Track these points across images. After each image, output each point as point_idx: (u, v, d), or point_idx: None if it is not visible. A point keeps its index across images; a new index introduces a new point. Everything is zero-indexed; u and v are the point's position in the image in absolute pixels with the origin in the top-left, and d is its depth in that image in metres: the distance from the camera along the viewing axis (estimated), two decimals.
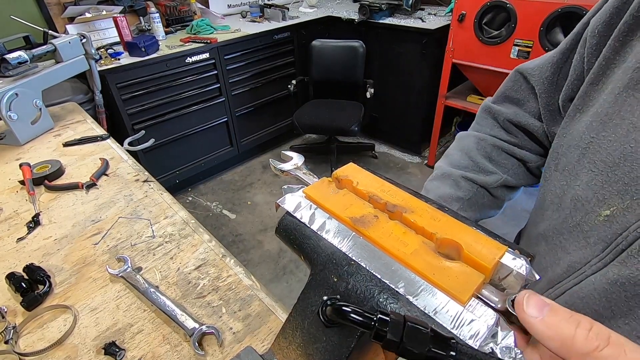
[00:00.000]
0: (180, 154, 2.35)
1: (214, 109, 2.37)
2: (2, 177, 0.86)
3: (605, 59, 0.42)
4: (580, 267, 0.41)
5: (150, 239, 0.67)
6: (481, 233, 0.26)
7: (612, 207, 0.38)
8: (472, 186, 0.56)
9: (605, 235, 0.39)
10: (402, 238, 0.26)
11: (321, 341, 0.26)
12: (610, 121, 0.40)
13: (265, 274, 1.92)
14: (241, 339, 0.50)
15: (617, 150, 0.38)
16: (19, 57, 0.96)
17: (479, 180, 0.56)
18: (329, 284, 0.26)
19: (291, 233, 0.30)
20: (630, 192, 0.36)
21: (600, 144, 0.40)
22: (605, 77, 0.42)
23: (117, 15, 2.02)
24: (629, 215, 0.36)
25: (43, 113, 1.04)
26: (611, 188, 0.38)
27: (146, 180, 0.84)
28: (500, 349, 0.20)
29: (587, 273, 0.40)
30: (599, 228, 0.39)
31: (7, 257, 0.64)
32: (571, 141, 0.45)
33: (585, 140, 0.42)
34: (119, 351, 0.48)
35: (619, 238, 0.37)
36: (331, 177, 0.33)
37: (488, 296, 0.22)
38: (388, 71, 2.58)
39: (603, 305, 0.38)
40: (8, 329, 0.51)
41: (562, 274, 0.43)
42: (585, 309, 0.40)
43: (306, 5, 2.93)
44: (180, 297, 0.56)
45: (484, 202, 0.57)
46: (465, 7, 2.00)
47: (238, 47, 2.30)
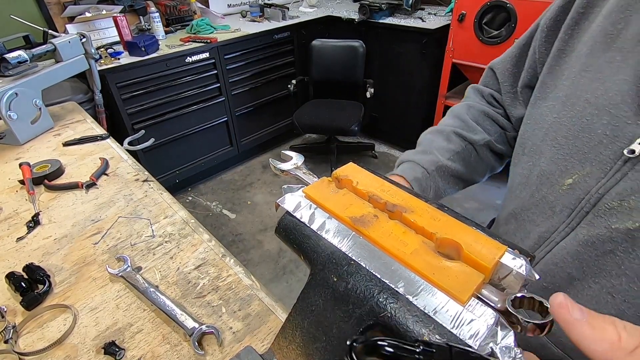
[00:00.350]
0: (180, 153, 2.35)
1: (213, 108, 2.37)
2: (1, 177, 0.86)
3: (557, 50, 0.49)
4: (550, 235, 0.45)
5: (150, 239, 0.67)
6: (481, 233, 0.26)
7: (574, 175, 0.42)
8: (461, 141, 0.61)
9: (569, 202, 0.43)
10: (402, 238, 0.26)
11: (321, 341, 0.26)
12: (568, 101, 0.45)
13: (265, 273, 1.92)
14: (241, 338, 0.50)
15: (575, 125, 0.43)
16: (19, 57, 0.96)
17: (468, 136, 0.61)
18: (328, 283, 0.26)
19: (291, 233, 0.30)
20: (590, 159, 0.41)
21: (561, 122, 0.45)
22: (559, 66, 0.48)
23: (117, 14, 2.02)
24: (589, 180, 0.41)
25: (43, 113, 1.04)
26: (572, 159, 0.43)
27: (146, 179, 0.84)
28: (500, 348, 0.20)
29: (556, 240, 0.44)
30: (563, 196, 0.43)
31: (6, 256, 0.64)
32: (535, 125, 0.50)
33: (547, 122, 0.47)
34: (118, 351, 0.48)
35: (582, 202, 0.41)
36: (331, 177, 0.33)
37: (488, 296, 0.22)
38: (388, 71, 2.58)
39: (576, 267, 0.42)
40: (8, 329, 0.51)
41: (533, 245, 0.47)
42: (560, 274, 0.43)
43: (306, 5, 2.93)
44: (180, 296, 0.56)
45: (471, 159, 0.61)
46: (465, 7, 2.00)
47: (238, 46, 2.30)
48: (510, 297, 0.21)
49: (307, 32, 2.62)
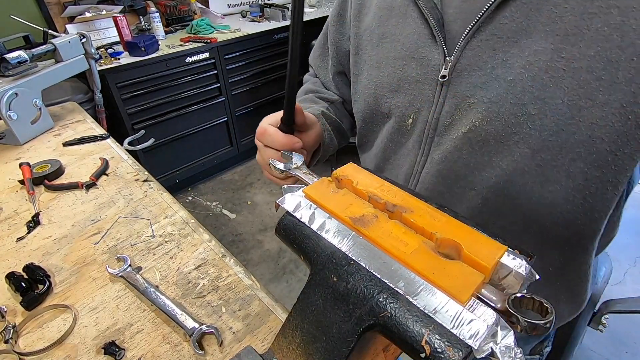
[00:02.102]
0: (180, 153, 2.35)
1: (214, 108, 2.37)
2: (1, 177, 0.86)
3: (355, 35, 0.58)
4: (412, 169, 0.53)
5: (150, 239, 0.67)
6: (481, 233, 0.26)
7: (411, 115, 0.51)
8: (323, 101, 0.68)
9: (417, 137, 0.51)
10: (402, 238, 0.26)
11: (321, 341, 0.26)
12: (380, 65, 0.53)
13: (265, 273, 1.92)
14: (241, 338, 0.50)
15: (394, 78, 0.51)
16: (19, 57, 0.96)
17: (327, 97, 0.69)
18: (328, 283, 0.26)
19: (291, 233, 0.30)
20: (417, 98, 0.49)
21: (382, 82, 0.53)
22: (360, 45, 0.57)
23: (117, 14, 2.02)
24: (423, 113, 0.49)
25: (43, 113, 1.04)
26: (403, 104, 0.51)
27: (146, 179, 0.84)
28: (499, 348, 0.20)
29: (419, 170, 0.52)
30: (412, 134, 0.52)
31: (6, 256, 0.64)
32: (362, 95, 0.58)
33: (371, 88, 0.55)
34: (118, 351, 0.48)
35: (426, 131, 0.49)
36: (331, 177, 0.33)
37: (488, 296, 0.22)
38: None
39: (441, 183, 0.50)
40: (8, 329, 0.51)
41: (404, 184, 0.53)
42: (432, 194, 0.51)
43: (306, 5, 2.93)
44: (180, 296, 0.56)
45: (339, 112, 0.69)
46: None
47: (238, 46, 2.30)
48: (510, 297, 0.21)
49: (307, 32, 2.62)
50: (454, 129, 0.46)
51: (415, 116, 0.50)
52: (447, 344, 0.21)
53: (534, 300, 0.21)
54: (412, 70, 0.49)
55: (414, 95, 0.49)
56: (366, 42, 0.56)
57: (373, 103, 0.56)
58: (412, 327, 0.22)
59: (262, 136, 0.49)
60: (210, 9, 2.63)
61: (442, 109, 0.47)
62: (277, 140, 0.47)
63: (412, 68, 0.49)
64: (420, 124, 0.50)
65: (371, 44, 0.55)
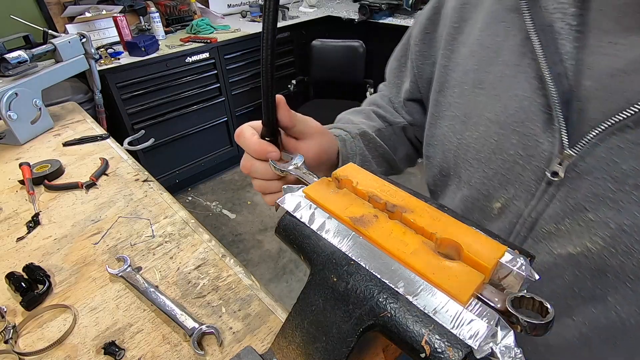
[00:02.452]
0: (180, 153, 2.35)
1: (214, 108, 2.37)
2: (1, 177, 0.86)
3: (442, 67, 0.46)
4: None
5: (150, 239, 0.67)
6: (481, 233, 0.25)
7: (500, 198, 0.40)
8: (381, 121, 0.59)
9: (503, 226, 0.41)
10: (401, 238, 0.26)
11: (321, 341, 0.26)
12: (469, 120, 0.42)
13: (265, 273, 1.92)
14: (241, 338, 0.50)
15: (485, 146, 0.40)
16: (19, 57, 0.96)
17: (387, 117, 0.59)
18: (328, 283, 0.26)
19: (291, 233, 0.30)
20: (511, 182, 0.38)
21: (467, 144, 0.42)
22: (448, 82, 0.46)
23: (117, 14, 2.02)
24: (518, 203, 0.38)
25: (43, 113, 1.04)
26: (493, 182, 0.40)
27: (146, 179, 0.84)
28: (500, 348, 0.20)
29: None
30: (496, 221, 0.42)
31: (6, 256, 0.64)
32: (442, 147, 0.47)
33: (453, 143, 0.45)
34: (118, 351, 0.48)
35: (517, 226, 0.39)
36: (331, 177, 0.33)
37: (488, 296, 0.22)
38: None
39: None
40: (8, 329, 0.51)
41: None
42: None
43: (306, 5, 2.93)
44: (180, 296, 0.56)
45: (390, 141, 0.58)
46: None
47: (238, 46, 2.30)
48: (510, 297, 0.21)
49: (307, 32, 2.62)
50: (557, 241, 0.36)
51: (506, 203, 0.39)
52: (447, 344, 0.21)
53: (534, 300, 0.21)
54: (511, 146, 0.37)
55: (509, 177, 0.38)
56: (456, 82, 0.44)
57: (452, 163, 0.45)
58: (412, 327, 0.22)
59: (237, 138, 0.41)
60: (210, 9, 2.64)
61: (545, 211, 0.36)
62: (249, 145, 0.39)
63: (511, 142, 0.37)
64: (511, 215, 0.39)
65: (462, 88, 0.43)
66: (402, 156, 0.61)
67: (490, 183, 0.41)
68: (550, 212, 0.35)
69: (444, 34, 0.46)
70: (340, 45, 2.42)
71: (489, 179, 0.40)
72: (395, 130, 0.59)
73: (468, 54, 0.43)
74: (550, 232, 0.36)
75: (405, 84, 0.57)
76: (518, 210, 0.38)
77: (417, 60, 0.52)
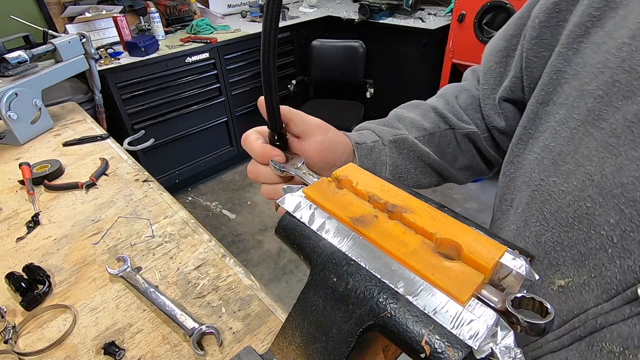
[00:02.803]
0: (180, 154, 2.35)
1: (214, 108, 2.37)
2: (1, 177, 0.86)
3: (555, 71, 0.34)
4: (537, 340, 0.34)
5: (150, 239, 0.67)
6: (481, 233, 0.25)
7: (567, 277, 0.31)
8: (439, 122, 0.48)
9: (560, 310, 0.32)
10: (401, 238, 0.26)
11: (321, 341, 0.26)
12: (563, 164, 0.32)
13: (265, 274, 1.92)
14: (241, 338, 0.50)
15: (570, 207, 0.31)
16: (19, 57, 0.96)
17: (450, 118, 0.48)
18: (328, 283, 0.26)
19: (291, 233, 0.30)
20: (588, 267, 0.29)
21: (550, 191, 0.33)
22: (557, 96, 0.34)
23: (117, 14, 2.02)
24: (585, 294, 0.29)
25: (43, 113, 1.04)
26: (565, 253, 0.31)
27: (146, 180, 0.84)
28: (499, 349, 0.20)
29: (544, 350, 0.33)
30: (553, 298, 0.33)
31: (6, 256, 0.64)
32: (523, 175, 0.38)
33: (534, 181, 0.35)
34: (118, 351, 0.48)
35: (575, 320, 0.30)
36: (331, 177, 0.33)
37: (488, 296, 0.22)
38: (388, 71, 2.58)
39: None
40: (7, 329, 0.51)
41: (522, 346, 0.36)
42: None
43: (306, 5, 2.93)
44: (179, 296, 0.56)
45: (447, 148, 0.48)
46: (465, 7, 2.00)
47: (238, 47, 2.30)
48: (510, 297, 0.21)
49: (307, 32, 2.63)
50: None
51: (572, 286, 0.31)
52: (447, 344, 0.21)
53: (534, 300, 0.21)
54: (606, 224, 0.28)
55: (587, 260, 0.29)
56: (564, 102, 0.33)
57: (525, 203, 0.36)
58: (412, 328, 0.22)
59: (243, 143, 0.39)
60: (210, 9, 2.64)
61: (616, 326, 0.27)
62: (253, 150, 0.37)
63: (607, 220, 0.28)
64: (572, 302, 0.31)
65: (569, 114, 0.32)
66: (463, 166, 0.51)
67: (561, 253, 0.31)
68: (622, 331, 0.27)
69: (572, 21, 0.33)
70: (340, 45, 2.43)
71: (563, 248, 0.31)
72: (456, 136, 0.49)
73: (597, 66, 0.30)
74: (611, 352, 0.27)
75: (504, 79, 0.44)
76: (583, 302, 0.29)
77: (531, 51, 0.38)
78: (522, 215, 0.37)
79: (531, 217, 0.35)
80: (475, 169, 0.52)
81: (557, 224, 0.32)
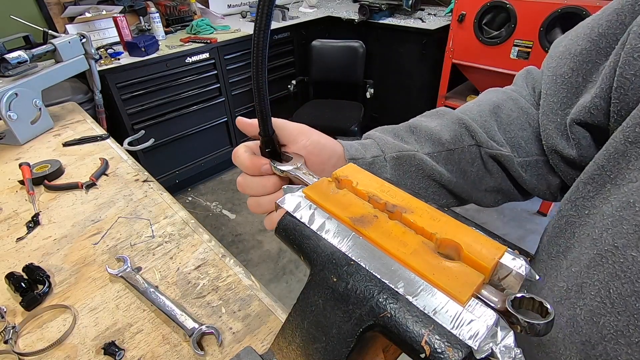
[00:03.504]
0: (180, 154, 2.35)
1: (214, 108, 2.37)
2: (1, 177, 0.86)
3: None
4: None
5: (150, 239, 0.67)
6: (481, 233, 0.25)
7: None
8: (464, 135, 0.41)
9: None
10: (401, 238, 0.26)
11: (321, 341, 0.26)
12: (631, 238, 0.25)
13: (265, 274, 1.92)
14: (241, 339, 0.50)
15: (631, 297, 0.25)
16: (19, 57, 0.96)
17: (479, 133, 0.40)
18: (328, 284, 0.26)
19: (291, 233, 0.30)
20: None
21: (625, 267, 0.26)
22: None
23: (117, 15, 2.02)
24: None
25: (43, 113, 1.04)
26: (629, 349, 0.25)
27: (146, 180, 0.84)
28: (500, 349, 0.20)
29: None
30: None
31: (6, 256, 0.64)
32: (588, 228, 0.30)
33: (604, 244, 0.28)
34: (118, 351, 0.48)
35: None
36: (331, 177, 0.33)
37: (488, 296, 0.22)
38: (388, 71, 2.58)
39: None
40: (7, 329, 0.50)
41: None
42: None
43: (306, 5, 2.93)
44: (179, 297, 0.56)
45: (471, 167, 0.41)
46: (465, 8, 2.01)
47: (238, 47, 2.30)
48: (510, 297, 0.21)
49: (307, 33, 2.63)
50: None
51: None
52: (447, 345, 0.21)
53: (533, 300, 0.21)
54: None
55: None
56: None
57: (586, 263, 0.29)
58: (412, 328, 0.22)
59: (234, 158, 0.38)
60: (210, 9, 2.64)
61: None
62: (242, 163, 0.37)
63: None
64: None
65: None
66: (490, 188, 0.44)
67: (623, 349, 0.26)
68: None
69: None
70: (340, 45, 2.43)
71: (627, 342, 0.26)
72: (482, 155, 0.41)
73: None
74: None
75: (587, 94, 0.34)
76: None
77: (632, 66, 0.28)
78: (577, 277, 0.30)
79: (591, 286, 0.28)
80: (507, 192, 0.45)
81: (626, 311, 0.26)
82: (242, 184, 0.39)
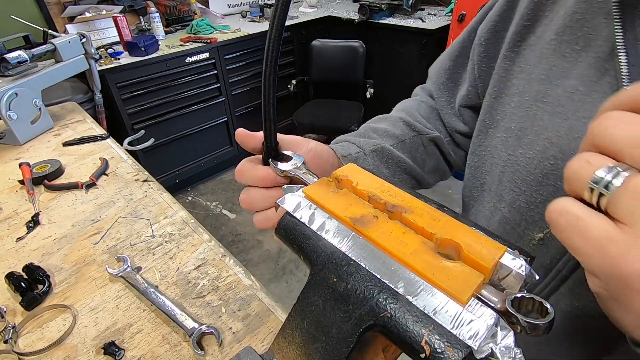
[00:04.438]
0: (180, 154, 2.35)
1: (214, 108, 2.37)
2: (1, 177, 0.86)
3: (504, 70, 0.41)
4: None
5: (150, 239, 0.67)
6: (481, 233, 0.25)
7: (544, 230, 0.36)
8: (409, 130, 0.53)
9: (544, 261, 0.36)
10: (401, 238, 0.26)
11: (321, 341, 0.26)
12: (525, 137, 0.38)
13: (265, 274, 1.92)
14: (241, 338, 0.50)
15: (537, 169, 0.36)
16: (19, 57, 0.96)
17: (416, 125, 0.53)
18: (328, 284, 0.26)
19: (291, 233, 0.30)
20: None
21: (518, 162, 0.38)
22: (507, 89, 0.41)
23: (117, 14, 2.02)
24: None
25: (43, 113, 1.04)
26: (538, 209, 0.36)
27: (146, 180, 0.84)
28: (500, 349, 0.20)
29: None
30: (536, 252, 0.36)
31: (6, 256, 0.64)
32: (490, 159, 0.43)
33: (502, 158, 0.40)
34: (118, 351, 0.48)
35: (559, 263, 0.33)
36: (331, 177, 0.33)
37: (487, 296, 0.22)
38: (388, 71, 2.58)
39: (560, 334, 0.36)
40: (7, 329, 0.51)
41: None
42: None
43: (306, 5, 2.93)
44: (179, 296, 0.56)
45: (418, 153, 0.53)
46: (465, 7, 2.01)
47: (238, 47, 2.30)
48: (510, 297, 0.21)
49: (307, 33, 2.63)
50: None
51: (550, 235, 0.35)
52: (447, 345, 0.21)
53: (534, 300, 0.21)
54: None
55: None
56: (516, 90, 0.40)
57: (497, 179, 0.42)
58: (412, 328, 0.22)
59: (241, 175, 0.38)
60: (210, 9, 2.64)
61: None
62: (253, 176, 0.37)
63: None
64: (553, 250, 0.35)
65: (522, 98, 0.39)
66: (431, 169, 0.55)
67: (535, 210, 0.36)
68: None
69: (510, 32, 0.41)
70: (340, 45, 2.43)
71: (536, 205, 0.36)
72: (423, 141, 0.54)
73: (536, 60, 0.37)
74: None
75: (462, 88, 0.51)
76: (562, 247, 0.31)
77: (482, 63, 0.46)
78: (496, 192, 0.42)
79: (504, 189, 0.40)
80: (441, 170, 0.58)
81: (528, 187, 0.37)
82: (247, 201, 0.38)
